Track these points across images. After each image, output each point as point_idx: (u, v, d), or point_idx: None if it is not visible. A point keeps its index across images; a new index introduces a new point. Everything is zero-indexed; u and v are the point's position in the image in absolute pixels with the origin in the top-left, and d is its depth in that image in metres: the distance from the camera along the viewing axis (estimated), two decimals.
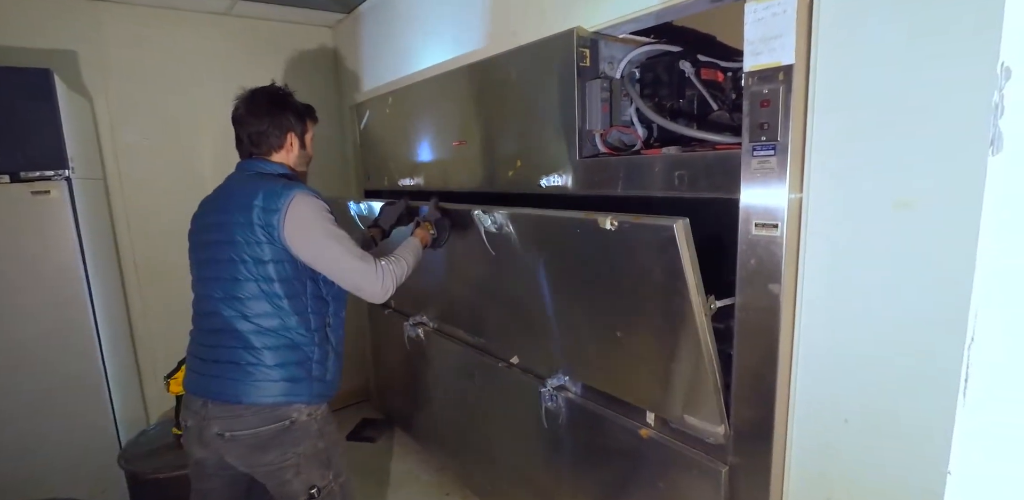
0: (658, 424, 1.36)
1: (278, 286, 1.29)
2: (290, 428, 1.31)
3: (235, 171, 1.44)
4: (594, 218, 1.17)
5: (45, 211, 1.90)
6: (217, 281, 1.32)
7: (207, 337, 1.36)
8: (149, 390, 2.67)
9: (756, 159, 1.08)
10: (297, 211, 1.26)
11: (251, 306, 1.29)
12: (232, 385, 1.29)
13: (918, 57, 0.87)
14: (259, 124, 1.39)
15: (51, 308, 1.94)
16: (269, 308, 1.29)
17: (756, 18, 1.05)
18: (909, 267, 0.92)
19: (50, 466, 1.99)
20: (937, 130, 0.86)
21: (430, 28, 2.19)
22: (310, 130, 1.49)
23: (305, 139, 1.47)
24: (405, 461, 2.58)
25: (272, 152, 1.42)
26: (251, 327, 1.29)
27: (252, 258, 1.27)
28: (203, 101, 2.72)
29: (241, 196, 1.30)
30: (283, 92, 1.45)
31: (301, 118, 1.45)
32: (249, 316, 1.29)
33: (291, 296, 1.31)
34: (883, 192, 0.94)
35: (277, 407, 1.30)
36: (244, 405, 1.28)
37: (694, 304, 1.09)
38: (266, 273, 1.28)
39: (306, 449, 1.34)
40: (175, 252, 2.77)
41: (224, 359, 1.30)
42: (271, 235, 1.26)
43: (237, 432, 1.28)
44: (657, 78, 1.49)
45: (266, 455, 1.31)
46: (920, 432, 0.94)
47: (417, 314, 2.38)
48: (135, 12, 2.51)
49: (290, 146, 1.43)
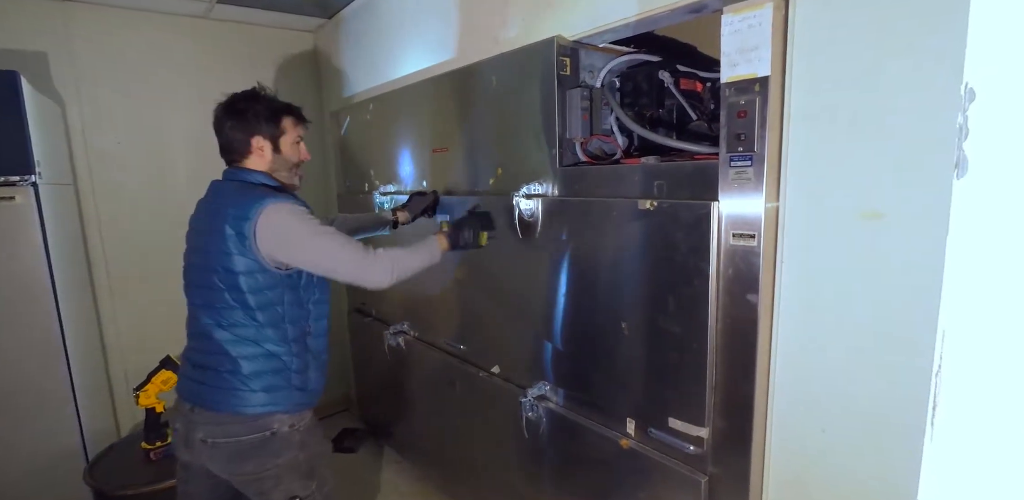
0: (638, 434, 1.36)
1: (250, 297, 1.27)
2: (271, 439, 1.31)
3: (221, 178, 1.41)
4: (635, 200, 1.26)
5: (9, 217, 1.84)
6: (198, 288, 1.32)
7: (194, 341, 1.37)
8: (120, 402, 2.59)
9: (733, 169, 1.08)
10: (271, 219, 1.24)
11: (226, 316, 1.29)
12: (215, 393, 1.29)
13: (885, 73, 0.88)
14: (225, 130, 1.36)
15: (15, 317, 1.87)
16: (243, 319, 1.28)
17: (733, 30, 1.06)
18: (881, 277, 0.93)
19: (12, 481, 1.91)
20: (904, 145, 0.87)
21: (411, 34, 2.18)
22: (289, 132, 1.39)
23: (280, 142, 1.38)
24: (386, 471, 2.54)
25: (243, 158, 1.37)
26: (227, 336, 1.29)
27: (223, 268, 1.26)
28: (179, 106, 2.67)
29: (218, 205, 1.29)
30: (249, 94, 1.38)
31: (272, 120, 1.36)
32: (224, 325, 1.29)
33: (263, 307, 1.29)
34: (855, 202, 0.95)
35: (258, 417, 1.29)
36: (226, 413, 1.28)
37: (711, 283, 1.13)
38: (237, 284, 1.26)
39: (287, 460, 1.33)
40: (148, 259, 2.71)
41: (208, 365, 1.31)
42: (243, 245, 1.23)
43: (219, 439, 1.29)
44: (637, 88, 1.50)
45: (246, 465, 1.30)
46: (896, 443, 0.94)
47: (398, 323, 2.35)
48: (109, 14, 2.45)
49: (260, 151, 1.36)
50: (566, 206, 1.48)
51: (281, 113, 1.38)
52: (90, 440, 2.04)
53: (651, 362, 1.29)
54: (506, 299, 1.74)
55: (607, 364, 1.41)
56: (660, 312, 1.25)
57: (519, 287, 1.67)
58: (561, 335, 1.55)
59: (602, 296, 1.40)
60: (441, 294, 2.04)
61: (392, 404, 2.55)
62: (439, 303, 2.07)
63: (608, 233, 1.35)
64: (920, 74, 0.84)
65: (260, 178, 1.37)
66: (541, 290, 1.58)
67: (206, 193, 1.40)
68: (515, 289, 1.68)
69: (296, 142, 1.42)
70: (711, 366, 1.17)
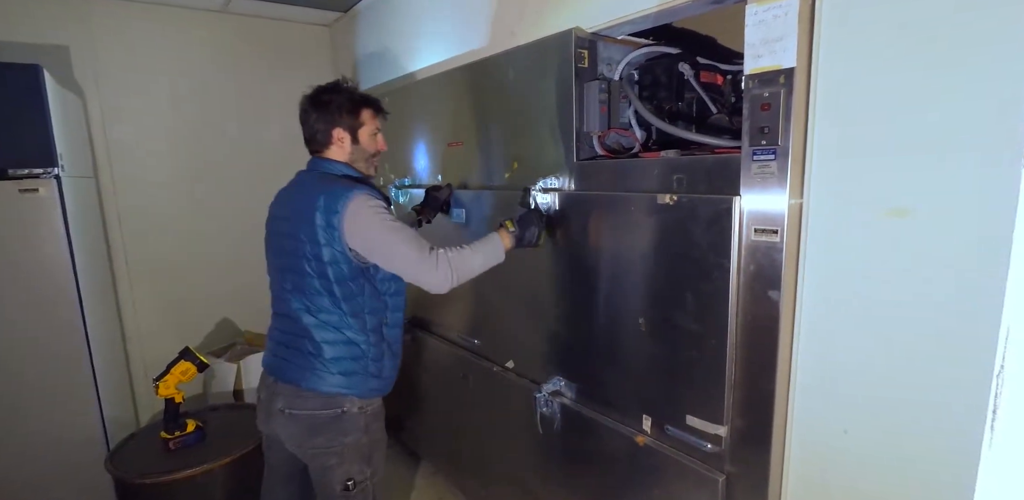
0: (655, 431, 1.34)
1: (336, 287, 1.33)
2: (341, 417, 1.38)
3: (306, 168, 1.46)
4: (654, 194, 1.24)
5: (33, 209, 1.87)
6: (288, 272, 1.38)
7: (281, 321, 1.44)
8: (140, 392, 2.64)
9: (756, 163, 1.06)
10: (355, 211, 1.28)
11: (315, 302, 1.35)
12: (296, 370, 1.38)
13: (927, 61, 0.85)
14: (308, 122, 1.41)
15: (38, 308, 1.91)
16: (330, 306, 1.35)
17: (757, 20, 1.03)
18: (911, 276, 0.90)
19: (34, 470, 1.95)
20: (936, 140, 0.84)
21: (427, 27, 2.17)
22: (368, 123, 1.43)
23: (359, 134, 1.42)
24: (398, 466, 2.56)
25: (325, 149, 1.42)
26: (314, 321, 1.36)
27: (314, 256, 1.31)
28: (197, 99, 2.69)
29: (306, 195, 1.34)
30: (332, 87, 1.42)
31: (352, 112, 1.40)
32: (313, 311, 1.36)
33: (348, 297, 1.34)
34: (884, 199, 0.92)
35: (332, 396, 1.37)
36: (306, 389, 1.36)
37: (732, 279, 1.11)
38: (325, 272, 1.32)
39: (352, 440, 1.40)
40: (167, 251, 2.76)
41: (292, 345, 1.39)
42: (331, 236, 1.28)
43: (296, 411, 1.37)
44: (656, 80, 1.48)
45: (316, 437, 1.38)
46: (923, 445, 0.92)
47: (412, 317, 2.35)
48: (129, 8, 2.48)
49: (340, 142, 1.41)
50: (583, 200, 1.47)
51: (361, 105, 1.42)
52: (111, 429, 2.08)
53: (669, 359, 1.28)
54: (521, 293, 1.73)
55: (623, 360, 1.40)
56: (679, 308, 1.23)
57: (534, 281, 1.66)
58: (577, 330, 1.53)
59: (619, 291, 1.38)
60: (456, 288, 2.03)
61: (405, 398, 2.56)
62: (453, 297, 2.07)
63: (626, 228, 1.33)
64: (963, 58, 0.80)
65: (341, 169, 1.41)
66: (557, 285, 1.57)
67: (290, 183, 1.46)
68: (530, 283, 1.67)
69: (374, 133, 1.45)
70: (731, 363, 1.15)
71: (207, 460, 1.81)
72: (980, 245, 0.82)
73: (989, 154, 0.79)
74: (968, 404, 0.84)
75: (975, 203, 0.82)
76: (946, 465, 0.89)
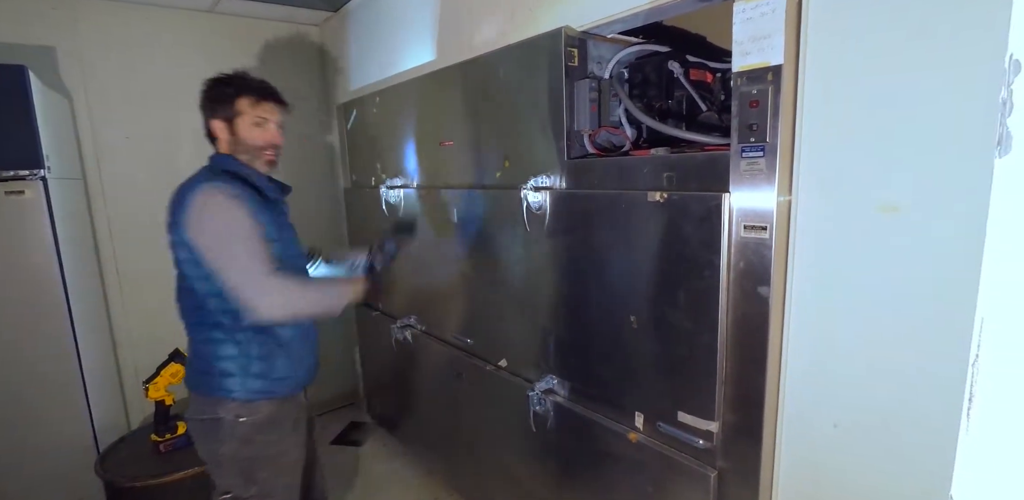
0: (647, 428, 1.35)
1: (196, 283, 1.28)
2: (216, 423, 1.31)
3: None
4: (644, 192, 1.25)
5: (19, 212, 1.85)
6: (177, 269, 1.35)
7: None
8: (130, 395, 2.61)
9: (745, 160, 1.06)
10: (201, 203, 1.20)
11: (184, 300, 1.33)
12: (189, 374, 1.37)
13: (913, 58, 0.85)
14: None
15: (26, 311, 1.89)
16: (199, 302, 1.29)
17: (745, 18, 1.04)
18: (899, 272, 0.91)
19: (24, 474, 1.93)
20: (925, 136, 0.85)
21: (417, 27, 2.16)
22: (246, 113, 1.33)
23: (236, 124, 1.33)
24: (392, 465, 2.55)
25: (215, 143, 1.39)
26: (191, 320, 1.34)
27: (179, 256, 1.29)
28: (186, 99, 2.66)
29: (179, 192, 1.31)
30: (211, 79, 1.37)
31: (225, 101, 1.32)
32: (188, 311, 1.33)
33: (212, 294, 1.26)
34: (873, 195, 0.93)
35: (211, 399, 1.31)
36: (193, 392, 1.34)
37: (722, 276, 1.11)
38: (187, 271, 1.28)
39: (228, 451, 1.32)
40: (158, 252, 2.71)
41: (189, 349, 1.38)
42: (181, 232, 1.24)
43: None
44: (646, 78, 1.48)
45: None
46: (912, 439, 0.93)
47: (405, 316, 2.35)
48: (116, 7, 2.45)
49: (220, 134, 1.35)
50: (574, 199, 1.47)
51: (238, 94, 1.33)
52: (101, 432, 2.06)
53: (660, 356, 1.28)
54: (514, 292, 1.73)
55: (615, 358, 1.40)
56: (670, 305, 1.24)
57: (527, 280, 1.66)
58: (569, 329, 1.54)
59: (611, 289, 1.38)
60: (448, 288, 2.03)
61: (399, 398, 2.55)
62: (446, 297, 2.07)
63: (617, 226, 1.34)
64: (949, 55, 0.81)
65: (225, 163, 1.35)
66: (549, 283, 1.57)
67: None
68: (523, 282, 1.68)
69: (257, 124, 1.34)
70: (721, 360, 1.16)
71: (198, 462, 1.79)
72: (961, 240, 0.83)
73: (970, 149, 0.81)
74: (946, 393, 0.86)
75: (960, 198, 0.83)
76: (929, 453, 0.91)
